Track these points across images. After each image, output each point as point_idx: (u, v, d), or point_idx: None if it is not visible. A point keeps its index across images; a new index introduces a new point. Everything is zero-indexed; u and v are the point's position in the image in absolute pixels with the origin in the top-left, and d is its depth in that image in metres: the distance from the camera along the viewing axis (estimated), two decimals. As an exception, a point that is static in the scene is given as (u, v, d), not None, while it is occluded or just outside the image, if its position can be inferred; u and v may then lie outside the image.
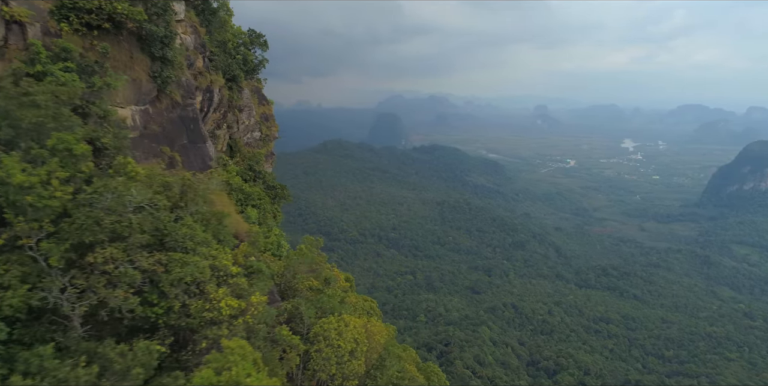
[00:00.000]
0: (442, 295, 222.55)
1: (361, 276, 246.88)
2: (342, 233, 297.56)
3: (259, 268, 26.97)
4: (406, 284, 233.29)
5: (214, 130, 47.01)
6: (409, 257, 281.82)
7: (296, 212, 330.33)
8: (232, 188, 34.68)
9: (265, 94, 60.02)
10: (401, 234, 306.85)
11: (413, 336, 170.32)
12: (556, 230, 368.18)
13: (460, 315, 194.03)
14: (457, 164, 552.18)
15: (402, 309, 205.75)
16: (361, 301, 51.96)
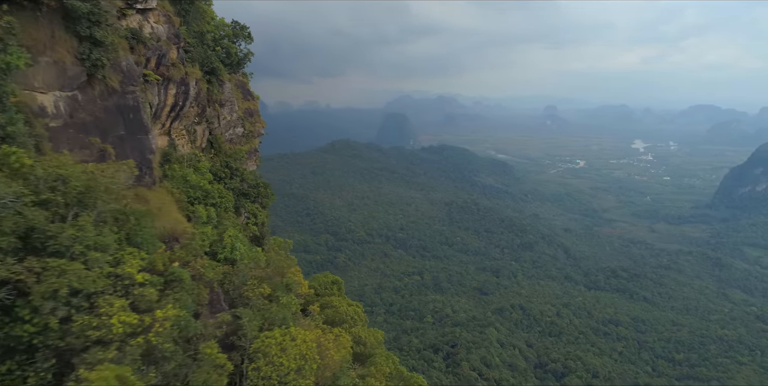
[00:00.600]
0: (450, 296, 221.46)
1: (369, 276, 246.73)
2: (349, 233, 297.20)
3: (179, 276, 23.34)
4: (414, 285, 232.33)
5: (193, 125, 45.45)
6: (416, 258, 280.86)
7: (304, 212, 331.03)
8: (189, 185, 31.68)
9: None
10: (409, 234, 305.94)
11: (420, 337, 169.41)
12: (565, 232, 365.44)
13: (468, 316, 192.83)
14: (466, 164, 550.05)
15: (409, 309, 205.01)
16: (345, 306, 49.98)
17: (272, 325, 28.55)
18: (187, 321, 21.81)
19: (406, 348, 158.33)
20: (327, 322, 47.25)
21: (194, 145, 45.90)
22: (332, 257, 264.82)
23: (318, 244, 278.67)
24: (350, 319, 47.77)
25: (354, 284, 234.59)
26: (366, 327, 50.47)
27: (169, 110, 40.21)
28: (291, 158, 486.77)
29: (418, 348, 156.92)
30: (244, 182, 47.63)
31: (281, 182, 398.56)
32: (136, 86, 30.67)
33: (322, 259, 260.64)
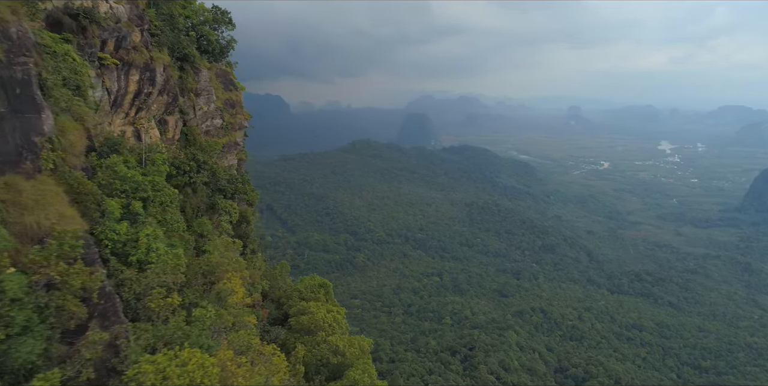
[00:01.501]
0: (469, 298, 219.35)
1: (387, 277, 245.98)
2: (369, 233, 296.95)
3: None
4: (433, 286, 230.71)
5: (164, 115, 42.50)
6: (435, 259, 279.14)
7: (324, 212, 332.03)
8: (117, 177, 27.84)
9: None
10: (428, 235, 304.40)
11: (438, 339, 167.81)
12: (588, 234, 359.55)
13: (487, 319, 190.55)
14: (487, 165, 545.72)
15: (427, 310, 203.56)
16: (323, 312, 46.69)
17: (170, 344, 22.77)
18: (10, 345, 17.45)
19: (423, 349, 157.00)
20: (301, 330, 44.77)
21: (165, 136, 43.36)
22: (351, 256, 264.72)
23: (337, 244, 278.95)
24: (327, 327, 44.74)
25: (373, 284, 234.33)
26: (346, 334, 47.22)
27: (132, 97, 37.62)
28: (311, 158, 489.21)
29: (435, 350, 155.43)
30: (216, 177, 43.86)
31: (302, 181, 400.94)
32: (30, 58, 26.17)
33: (341, 258, 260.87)
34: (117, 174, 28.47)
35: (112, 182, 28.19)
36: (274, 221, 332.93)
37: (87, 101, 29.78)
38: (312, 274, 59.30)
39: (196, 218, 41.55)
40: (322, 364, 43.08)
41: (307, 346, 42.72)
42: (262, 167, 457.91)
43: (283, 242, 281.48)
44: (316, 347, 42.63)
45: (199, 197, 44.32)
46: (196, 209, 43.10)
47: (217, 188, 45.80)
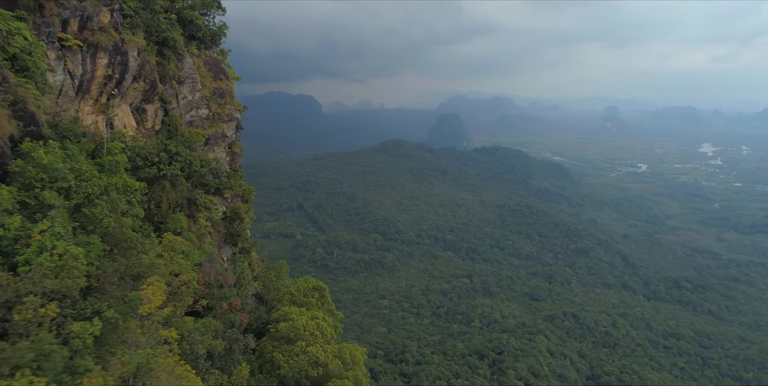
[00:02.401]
0: (499, 301, 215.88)
1: (416, 278, 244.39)
2: (398, 233, 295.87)
3: None
4: (462, 288, 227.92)
5: (142, 103, 40.15)
6: (466, 261, 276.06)
7: (353, 211, 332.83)
8: (33, 163, 24.47)
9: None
10: (458, 236, 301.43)
11: (466, 342, 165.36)
12: (624, 238, 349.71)
13: (517, 323, 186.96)
14: (520, 166, 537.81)
15: (456, 313, 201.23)
16: (305, 319, 42.74)
17: (18, 369, 18.46)
18: None
19: (450, 352, 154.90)
20: (281, 338, 41.55)
21: (144, 126, 40.85)
22: (380, 256, 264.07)
23: (366, 243, 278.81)
24: (309, 335, 41.11)
25: (401, 284, 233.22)
26: (331, 343, 43.43)
27: (101, 83, 34.95)
28: (342, 158, 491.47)
29: (462, 353, 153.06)
30: (192, 169, 40.31)
31: (332, 181, 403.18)
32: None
33: (370, 258, 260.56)
34: (34, 161, 25.14)
35: (27, 169, 24.53)
36: (304, 220, 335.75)
37: (39, 84, 27.81)
38: (306, 276, 56.26)
39: (174, 214, 39.16)
40: (301, 376, 39.65)
41: (285, 356, 39.52)
42: (294, 166, 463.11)
43: (313, 241, 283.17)
44: (294, 358, 39.18)
45: (179, 191, 41.49)
46: (174, 205, 40.36)
47: (200, 183, 43.26)
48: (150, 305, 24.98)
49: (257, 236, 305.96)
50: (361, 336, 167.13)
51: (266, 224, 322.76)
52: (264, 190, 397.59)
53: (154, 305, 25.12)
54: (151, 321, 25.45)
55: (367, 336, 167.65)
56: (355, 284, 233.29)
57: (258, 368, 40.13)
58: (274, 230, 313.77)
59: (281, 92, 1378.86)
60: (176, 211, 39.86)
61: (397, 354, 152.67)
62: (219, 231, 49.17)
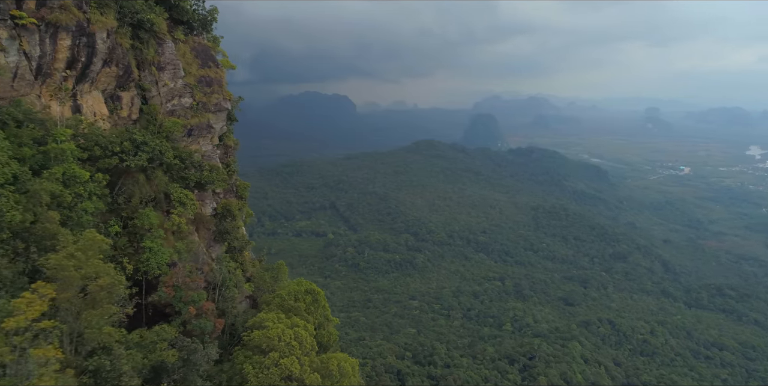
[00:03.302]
0: (532, 304, 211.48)
1: (447, 279, 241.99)
2: (430, 234, 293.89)
3: None
4: (494, 291, 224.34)
5: (116, 90, 37.44)
6: (498, 263, 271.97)
7: (385, 211, 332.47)
8: None
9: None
10: (491, 238, 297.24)
11: (496, 346, 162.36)
12: (665, 243, 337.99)
13: (550, 327, 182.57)
14: (556, 167, 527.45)
15: (488, 315, 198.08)
16: (280, 328, 38.45)
17: None
18: None
19: (480, 356, 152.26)
20: (255, 348, 37.94)
21: (118, 114, 38.25)
22: (411, 257, 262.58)
23: (398, 244, 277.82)
24: (284, 346, 37.29)
25: (432, 286, 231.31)
26: (311, 355, 39.49)
27: (65, 66, 32.51)
28: (375, 157, 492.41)
29: (492, 358, 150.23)
30: (159, 159, 37.25)
31: (364, 180, 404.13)
32: None
33: (401, 259, 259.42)
34: None
35: None
36: (336, 219, 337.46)
37: None
38: (299, 278, 52.60)
39: (143, 209, 36.69)
40: None
41: (255, 369, 35.80)
42: (327, 166, 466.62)
43: (345, 240, 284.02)
44: (265, 371, 35.65)
45: (155, 185, 38.65)
46: (148, 199, 37.85)
47: (180, 177, 40.57)
48: (19, 317, 20.56)
49: (290, 234, 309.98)
50: (390, 337, 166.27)
51: (298, 223, 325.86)
52: (297, 188, 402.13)
53: (26, 316, 20.75)
54: (23, 336, 20.80)
55: (396, 337, 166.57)
56: (385, 284, 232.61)
57: (227, 380, 36.95)
58: (307, 228, 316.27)
59: (316, 92, 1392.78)
60: (149, 206, 37.48)
61: (426, 356, 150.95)
62: (208, 229, 46.66)
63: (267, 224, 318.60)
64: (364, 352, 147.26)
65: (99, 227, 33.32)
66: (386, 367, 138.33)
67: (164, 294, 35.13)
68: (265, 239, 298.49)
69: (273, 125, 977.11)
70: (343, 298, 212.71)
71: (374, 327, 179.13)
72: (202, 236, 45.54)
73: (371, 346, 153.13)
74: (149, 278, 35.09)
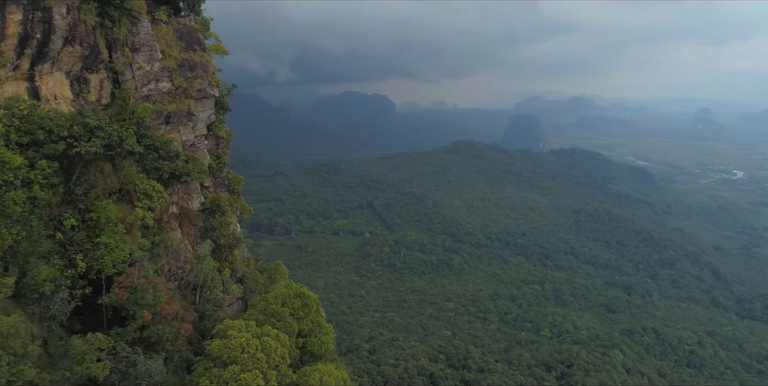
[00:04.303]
0: (572, 310, 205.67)
1: (484, 282, 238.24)
2: (467, 235, 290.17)
3: None
4: (532, 295, 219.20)
5: (83, 72, 34.44)
6: (537, 266, 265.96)
7: (422, 211, 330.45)
8: None
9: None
10: (530, 241, 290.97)
11: (533, 352, 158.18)
12: (715, 250, 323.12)
13: (590, 334, 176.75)
14: (599, 170, 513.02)
15: (525, 320, 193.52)
16: (245, 338, 35.07)
17: None
18: None
19: (516, 361, 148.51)
20: (217, 359, 34.36)
21: (85, 98, 35.18)
22: (448, 258, 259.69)
23: (434, 244, 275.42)
24: (247, 358, 33.45)
25: (468, 288, 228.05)
26: (282, 368, 35.88)
27: (18, 44, 29.89)
28: (413, 157, 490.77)
29: (529, 364, 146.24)
30: (119, 146, 34.12)
31: (402, 180, 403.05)
32: None
33: (437, 260, 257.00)
34: None
35: None
36: (373, 218, 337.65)
37: None
38: (287, 280, 48.72)
39: (100, 200, 33.78)
40: None
41: (213, 383, 32.82)
42: (365, 165, 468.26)
43: (381, 240, 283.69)
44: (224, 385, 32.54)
45: (123, 176, 35.99)
46: (112, 191, 35.18)
47: (153, 167, 38.01)
48: None
49: (327, 232, 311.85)
50: (424, 339, 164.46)
51: (336, 221, 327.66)
52: (335, 187, 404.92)
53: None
54: None
55: (431, 339, 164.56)
56: (421, 285, 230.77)
57: None
58: (344, 227, 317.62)
59: (356, 92, 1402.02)
60: (112, 198, 34.85)
61: (460, 359, 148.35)
62: (194, 224, 44.06)
63: (305, 222, 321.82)
64: (397, 353, 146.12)
65: (47, 220, 31.12)
66: (419, 369, 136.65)
67: (115, 296, 32.15)
68: (303, 237, 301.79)
69: (313, 125, 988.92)
70: (378, 298, 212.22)
71: (409, 328, 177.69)
72: (186, 232, 43.06)
73: (405, 347, 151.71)
74: (103, 277, 32.36)
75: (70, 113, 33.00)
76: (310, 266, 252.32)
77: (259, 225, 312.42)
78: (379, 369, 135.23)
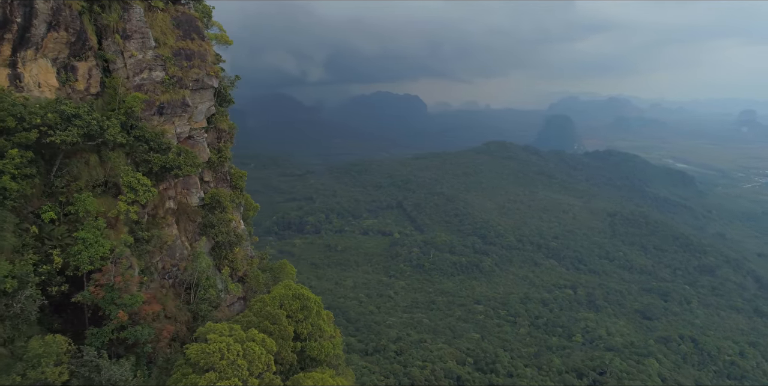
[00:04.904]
0: (605, 316, 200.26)
1: (515, 284, 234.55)
2: (498, 237, 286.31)
3: None
4: (564, 299, 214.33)
5: (70, 59, 32.99)
6: (570, 270, 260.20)
7: (452, 212, 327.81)
8: None
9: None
10: (563, 244, 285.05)
11: (564, 358, 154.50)
12: (759, 257, 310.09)
13: (624, 342, 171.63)
14: (636, 172, 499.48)
15: (556, 325, 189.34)
16: (225, 343, 32.30)
17: None
18: None
19: (546, 367, 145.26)
20: (194, 365, 31.50)
21: (73, 87, 33.72)
22: (478, 260, 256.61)
23: (464, 246, 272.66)
24: (226, 365, 30.52)
25: (499, 291, 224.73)
26: (264, 377, 33.08)
27: None
28: (444, 158, 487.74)
29: (559, 370, 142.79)
30: (101, 137, 32.43)
31: (432, 181, 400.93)
32: None
33: (467, 261, 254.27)
34: None
35: None
36: (403, 219, 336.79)
37: None
38: (286, 280, 45.50)
39: (80, 193, 32.04)
40: None
41: None
42: (396, 165, 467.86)
43: (410, 240, 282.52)
44: None
45: (110, 168, 34.40)
46: (97, 184, 33.73)
47: (143, 159, 36.38)
48: None
49: (356, 232, 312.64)
50: (452, 341, 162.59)
51: (365, 221, 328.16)
52: (365, 187, 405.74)
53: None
54: None
55: (459, 342, 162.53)
56: (450, 287, 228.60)
57: None
58: (373, 227, 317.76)
59: (387, 92, 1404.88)
60: (96, 190, 33.56)
61: (488, 363, 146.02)
62: (192, 221, 42.54)
63: (335, 221, 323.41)
64: (424, 355, 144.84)
65: (25, 213, 29.85)
66: (446, 372, 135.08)
67: (89, 294, 30.16)
68: (333, 236, 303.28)
69: (344, 125, 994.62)
70: (406, 298, 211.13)
71: (437, 329, 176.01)
72: (183, 228, 41.46)
73: (432, 349, 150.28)
74: (79, 274, 30.47)
75: (46, 100, 31.47)
76: (339, 265, 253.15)
77: (289, 224, 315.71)
78: (406, 371, 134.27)
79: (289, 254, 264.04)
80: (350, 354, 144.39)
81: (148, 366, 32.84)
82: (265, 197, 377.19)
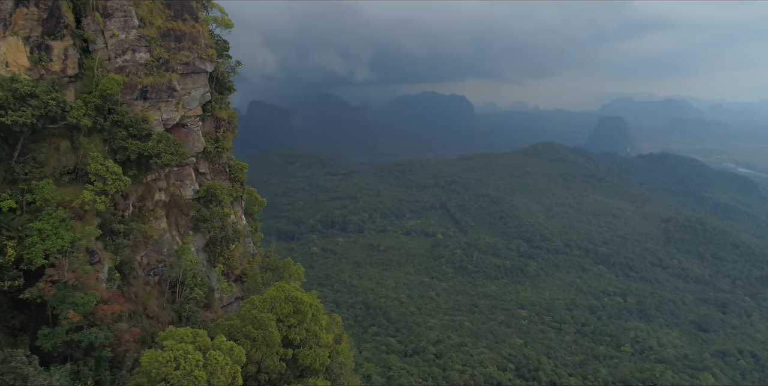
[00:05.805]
0: (657, 326, 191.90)
1: (561, 290, 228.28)
2: (544, 241, 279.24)
3: None
4: (613, 307, 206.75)
5: (44, 38, 30.62)
6: (620, 277, 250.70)
7: (498, 215, 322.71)
8: None
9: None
10: (613, 250, 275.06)
11: (611, 368, 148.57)
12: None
13: (678, 354, 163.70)
14: (694, 176, 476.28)
15: (604, 333, 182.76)
16: (187, 349, 28.24)
17: None
18: None
19: (591, 377, 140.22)
20: (148, 375, 27.46)
21: (46, 67, 31.18)
22: (522, 264, 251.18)
23: (509, 249, 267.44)
24: (181, 377, 26.94)
25: (544, 296, 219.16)
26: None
27: None
28: (490, 159, 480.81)
29: (606, 380, 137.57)
30: (62, 119, 29.92)
31: (477, 182, 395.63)
32: None
33: (511, 265, 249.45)
34: None
35: None
36: (446, 220, 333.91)
37: None
38: (279, 281, 41.89)
39: (41, 180, 29.31)
40: None
41: None
42: (440, 166, 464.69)
43: (453, 242, 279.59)
44: None
45: (82, 155, 31.94)
46: (66, 172, 31.33)
47: (120, 146, 33.76)
48: None
49: (399, 232, 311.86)
50: (493, 346, 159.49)
51: (408, 221, 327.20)
52: (409, 187, 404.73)
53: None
54: None
55: (500, 347, 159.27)
56: (493, 290, 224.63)
57: None
58: (416, 227, 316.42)
59: (434, 92, 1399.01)
60: (65, 178, 31.28)
61: (530, 370, 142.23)
62: (186, 214, 39.90)
63: (378, 221, 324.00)
64: (464, 359, 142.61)
65: None
66: (486, 377, 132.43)
67: (38, 291, 27.19)
68: (375, 235, 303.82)
69: (390, 125, 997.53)
70: (448, 300, 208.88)
71: (478, 333, 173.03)
72: (173, 222, 39.07)
73: (472, 353, 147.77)
74: (32, 268, 27.45)
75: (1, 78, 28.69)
76: (381, 265, 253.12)
77: (333, 222, 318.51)
78: (445, 374, 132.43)
79: (331, 252, 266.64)
80: (389, 355, 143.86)
81: (112, 370, 29.80)
82: (310, 195, 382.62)
